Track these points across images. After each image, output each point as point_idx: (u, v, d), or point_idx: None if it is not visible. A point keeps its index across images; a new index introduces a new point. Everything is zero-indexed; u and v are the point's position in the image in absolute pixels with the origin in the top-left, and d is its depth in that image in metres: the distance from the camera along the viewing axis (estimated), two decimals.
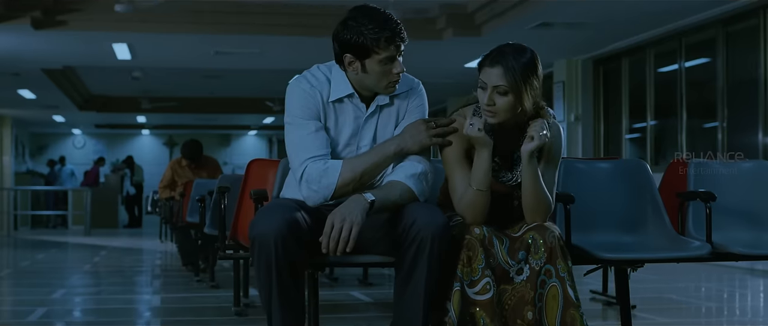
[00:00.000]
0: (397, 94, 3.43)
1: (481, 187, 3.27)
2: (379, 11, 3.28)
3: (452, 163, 3.39)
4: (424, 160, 3.39)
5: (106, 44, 12.06)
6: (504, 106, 3.29)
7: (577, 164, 4.11)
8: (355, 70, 3.31)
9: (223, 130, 28.31)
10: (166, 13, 10.84)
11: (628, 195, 4.09)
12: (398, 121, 3.45)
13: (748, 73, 9.75)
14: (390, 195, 3.27)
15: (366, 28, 3.23)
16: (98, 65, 14.37)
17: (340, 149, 3.41)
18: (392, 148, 3.35)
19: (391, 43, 3.25)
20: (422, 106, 3.49)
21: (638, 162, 4.16)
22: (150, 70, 15.04)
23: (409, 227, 3.17)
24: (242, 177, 4.57)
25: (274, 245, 3.10)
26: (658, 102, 11.59)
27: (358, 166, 3.32)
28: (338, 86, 3.37)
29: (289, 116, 3.38)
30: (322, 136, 3.34)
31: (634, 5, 9.65)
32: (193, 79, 16.82)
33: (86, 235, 17.33)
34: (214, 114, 22.55)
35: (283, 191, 3.58)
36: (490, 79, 3.30)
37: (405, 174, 3.33)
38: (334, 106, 3.38)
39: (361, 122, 3.41)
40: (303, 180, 3.31)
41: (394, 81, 3.33)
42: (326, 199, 3.31)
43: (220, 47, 12.41)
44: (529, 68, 3.28)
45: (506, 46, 3.33)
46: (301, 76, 3.42)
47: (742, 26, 9.87)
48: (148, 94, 19.11)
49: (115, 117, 23.61)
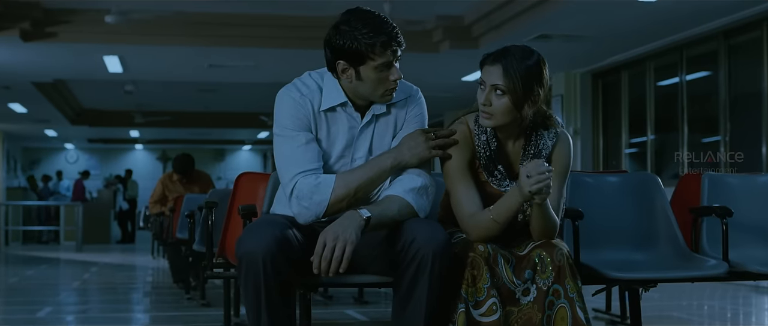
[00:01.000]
0: (394, 103, 3.22)
1: (499, 220, 3.06)
2: (373, 14, 3.07)
3: (454, 177, 3.17)
4: (423, 174, 3.18)
5: (97, 57, 11.87)
6: (501, 109, 3.09)
7: (584, 178, 3.90)
8: (349, 78, 3.10)
9: (218, 144, 28.15)
10: (158, 25, 10.66)
11: (638, 211, 3.88)
12: (395, 132, 3.24)
13: (751, 86, 9.58)
14: (387, 211, 3.05)
15: (360, 33, 3.02)
16: (89, 78, 14.21)
17: (333, 162, 3.20)
18: (389, 161, 3.14)
19: (387, 47, 3.04)
20: (421, 115, 3.28)
21: (648, 175, 3.96)
22: (142, 84, 14.85)
23: (408, 245, 2.96)
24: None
25: (262, 264, 2.88)
26: (658, 116, 11.41)
27: (353, 181, 3.10)
28: (330, 94, 3.16)
29: (279, 127, 3.17)
30: (313, 149, 3.12)
31: (633, 17, 9.48)
32: (186, 93, 16.65)
33: (78, 251, 17.07)
34: (208, 128, 22.39)
35: (274, 206, 3.36)
36: (489, 77, 3.11)
37: (403, 189, 3.12)
38: (326, 116, 3.17)
39: (355, 133, 3.19)
40: (293, 196, 3.09)
41: (391, 88, 3.12)
42: (318, 217, 3.09)
43: (213, 60, 12.22)
44: (533, 73, 3.08)
45: (513, 46, 3.14)
46: (290, 85, 3.21)
47: (744, 39, 9.70)
48: (141, 108, 18.95)
49: (108, 131, 23.44)
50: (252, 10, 10.47)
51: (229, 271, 4.65)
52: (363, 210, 2.99)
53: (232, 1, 10.15)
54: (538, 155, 3.18)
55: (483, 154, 3.19)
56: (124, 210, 21.84)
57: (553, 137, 3.23)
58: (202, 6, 10.41)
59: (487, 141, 3.19)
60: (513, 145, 3.23)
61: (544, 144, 3.21)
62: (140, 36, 10.74)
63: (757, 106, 9.35)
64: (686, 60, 10.65)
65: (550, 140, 3.22)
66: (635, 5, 8.88)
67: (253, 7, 10.29)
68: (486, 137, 3.19)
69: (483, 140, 3.20)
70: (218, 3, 10.26)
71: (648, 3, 8.77)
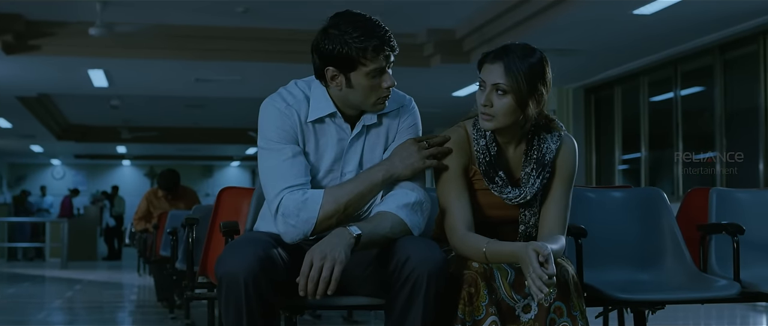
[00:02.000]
0: (385, 113, 3.02)
1: (490, 259, 2.84)
2: (364, 17, 2.87)
3: (448, 189, 2.97)
4: (417, 188, 2.97)
5: (82, 70, 11.70)
6: (503, 109, 2.89)
7: (586, 193, 3.70)
8: (339, 85, 2.90)
9: (206, 160, 27.96)
10: (144, 38, 10.50)
11: (643, 228, 3.67)
12: (387, 143, 3.04)
13: (747, 101, 9.42)
14: (379, 229, 2.84)
15: (351, 37, 2.82)
16: (75, 93, 14.04)
17: (321, 176, 2.99)
18: (380, 174, 2.93)
19: (379, 52, 2.84)
20: (415, 125, 3.08)
21: (654, 190, 3.75)
22: (128, 98, 14.69)
23: (401, 265, 2.74)
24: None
25: (244, 285, 2.67)
26: (652, 132, 11.25)
27: (342, 196, 2.89)
28: (318, 104, 2.95)
29: (263, 140, 2.96)
30: (300, 163, 2.91)
31: (627, 31, 9.33)
32: (173, 108, 16.51)
33: (63, 268, 16.80)
34: (196, 144, 22.24)
35: (258, 223, 3.15)
36: (489, 76, 2.91)
37: (396, 204, 2.91)
38: (313, 127, 2.96)
39: (345, 145, 2.99)
40: (279, 213, 2.88)
41: (383, 97, 2.92)
42: (306, 235, 2.88)
43: (200, 74, 12.05)
44: (536, 71, 2.89)
45: (513, 44, 2.95)
46: (275, 94, 3.00)
47: (740, 53, 9.56)
48: (128, 123, 18.81)
49: (95, 147, 23.29)
50: (238, 23, 10.30)
51: (212, 291, 4.44)
52: (353, 228, 2.79)
53: (218, 14, 9.96)
54: (542, 160, 2.99)
55: (482, 159, 3.00)
56: (111, 227, 21.61)
57: (557, 141, 3.04)
58: (188, 19, 10.22)
59: (486, 145, 3.00)
60: (514, 150, 3.03)
61: (547, 148, 3.01)
62: (125, 49, 10.58)
63: (754, 122, 9.20)
64: (681, 75, 10.50)
65: (553, 144, 3.03)
66: (630, 19, 8.73)
67: (239, 20, 10.11)
68: (485, 141, 3.00)
69: (482, 145, 3.00)
70: (204, 16, 10.08)
71: (643, 16, 8.62)
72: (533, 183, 2.99)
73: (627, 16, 8.63)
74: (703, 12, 8.50)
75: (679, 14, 8.54)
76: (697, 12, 8.49)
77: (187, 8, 9.76)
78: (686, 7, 8.25)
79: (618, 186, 3.87)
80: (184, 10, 9.86)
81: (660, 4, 8.22)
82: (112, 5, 9.38)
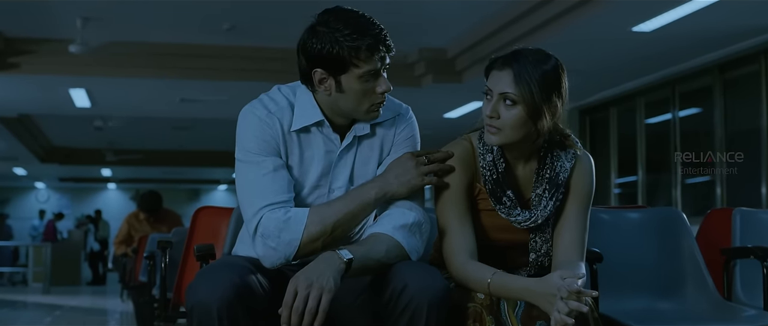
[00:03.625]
0: (379, 122, 2.70)
1: (495, 293, 2.52)
2: (357, 13, 2.56)
3: (449, 210, 2.65)
4: (416, 207, 2.64)
5: (63, 90, 11.38)
6: (511, 121, 2.57)
7: (599, 214, 3.38)
8: (328, 90, 2.58)
9: (192, 184, 27.68)
10: (126, 57, 10.18)
11: (662, 252, 3.36)
12: (381, 157, 2.71)
13: (748, 122, 9.14)
14: (373, 253, 2.51)
15: (341, 34, 2.50)
16: (57, 113, 13.73)
17: (306, 193, 2.66)
18: (373, 192, 2.61)
19: (373, 52, 2.52)
20: (413, 137, 2.75)
21: (673, 211, 3.44)
22: (112, 119, 14.40)
23: (398, 293, 2.41)
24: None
25: (216, 316, 2.33)
26: (649, 154, 10.96)
27: (330, 216, 2.56)
28: (304, 112, 2.63)
29: (241, 151, 2.64)
30: (282, 177, 2.59)
31: (625, 50, 9.05)
32: (159, 130, 16.23)
33: (45, 294, 16.44)
34: (182, 167, 21.95)
35: (236, 247, 2.83)
36: (496, 84, 2.59)
37: (392, 226, 2.58)
38: (298, 138, 2.64)
39: (333, 158, 2.66)
40: (258, 234, 2.55)
41: (377, 103, 2.60)
42: (288, 259, 2.55)
43: (185, 94, 11.74)
44: (550, 80, 2.57)
45: (524, 48, 2.63)
46: (256, 101, 2.69)
47: (740, 73, 9.27)
48: (113, 145, 18.56)
49: (79, 170, 23.01)
50: (224, 41, 9.98)
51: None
52: (343, 252, 2.46)
53: (203, 32, 9.66)
54: (555, 179, 2.67)
55: (489, 177, 2.67)
56: (95, 252, 21.31)
57: (572, 159, 2.71)
58: (171, 36, 9.91)
59: (493, 162, 2.67)
60: (524, 168, 2.71)
61: (561, 166, 2.69)
62: (107, 68, 10.25)
63: (756, 144, 8.91)
64: (679, 95, 10.23)
65: (568, 162, 2.70)
66: (628, 37, 8.45)
67: (225, 38, 9.80)
68: (492, 157, 2.67)
69: (488, 160, 2.67)
70: (188, 33, 9.77)
71: (642, 34, 8.34)
72: (545, 206, 2.67)
73: (626, 34, 8.35)
74: (704, 29, 8.23)
75: (678, 32, 8.26)
76: (697, 29, 8.22)
77: (171, 25, 9.46)
78: (687, 24, 7.98)
79: (633, 207, 3.55)
80: (168, 28, 9.55)
81: (660, 21, 7.95)
82: (93, 22, 9.07)
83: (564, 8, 7.95)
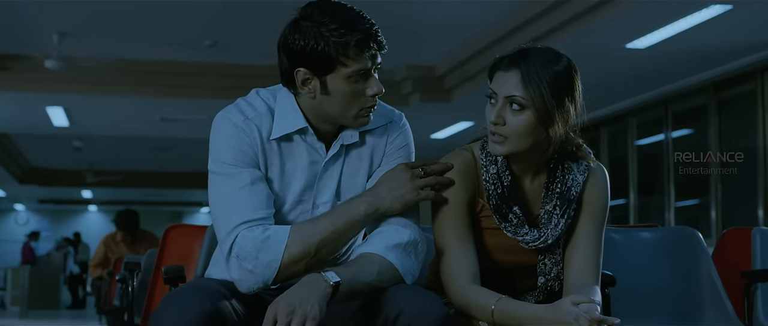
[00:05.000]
0: (370, 130, 2.42)
1: (499, 321, 2.25)
2: (345, 6, 2.28)
3: (449, 228, 2.37)
4: (410, 225, 2.36)
5: (40, 108, 11.17)
6: (518, 128, 2.29)
7: (610, 234, 3.10)
8: (312, 92, 2.30)
9: (174, 206, 27.41)
10: (105, 74, 10.00)
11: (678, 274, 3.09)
12: (372, 168, 2.43)
13: (744, 143, 8.92)
14: (362, 275, 2.22)
15: (328, 30, 2.22)
16: (34, 132, 13.56)
17: (287, 209, 2.38)
18: (363, 207, 2.32)
19: (364, 49, 2.24)
20: (407, 146, 2.47)
21: (689, 230, 3.17)
22: (91, 139, 14.26)
23: (392, 321, 2.14)
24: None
25: None
26: (641, 176, 10.72)
27: (314, 235, 2.28)
28: (285, 117, 2.35)
29: (215, 162, 2.36)
30: (261, 191, 2.30)
31: (617, 68, 8.83)
32: (140, 151, 16.07)
33: (22, 317, 16.14)
34: (163, 189, 21.70)
35: (210, 269, 2.54)
36: (502, 86, 2.32)
37: (384, 245, 2.30)
38: (278, 147, 2.36)
39: (318, 169, 2.38)
40: (233, 255, 2.26)
41: (367, 107, 2.32)
42: (267, 283, 2.27)
43: (165, 113, 11.50)
44: (562, 82, 2.31)
45: (532, 47, 2.36)
46: (232, 106, 2.41)
47: (736, 92, 9.06)
48: (93, 166, 18.46)
49: (59, 191, 22.84)
50: (205, 58, 9.73)
51: None
52: (329, 274, 2.17)
53: (184, 48, 9.41)
54: (567, 195, 2.39)
55: (493, 191, 2.39)
56: (75, 275, 21.00)
57: (585, 171, 2.44)
58: (151, 53, 9.66)
59: (498, 174, 2.39)
60: (532, 181, 2.43)
61: (573, 180, 2.41)
62: (85, 85, 10.06)
63: (752, 165, 8.68)
64: (672, 115, 10.00)
65: (580, 175, 2.43)
66: (622, 53, 8.24)
67: (206, 54, 9.54)
68: (497, 169, 2.39)
69: (492, 173, 2.39)
70: (168, 50, 9.52)
71: (636, 51, 8.13)
72: (556, 224, 2.39)
73: (619, 50, 8.13)
74: (700, 46, 8.02)
75: (673, 49, 8.06)
76: (693, 46, 8.01)
77: (151, 41, 9.20)
78: (682, 40, 7.78)
79: (646, 226, 3.28)
80: (148, 44, 9.29)
81: (655, 37, 7.75)
82: (70, 37, 8.82)
83: (556, 24, 7.73)
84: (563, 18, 7.57)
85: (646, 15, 7.24)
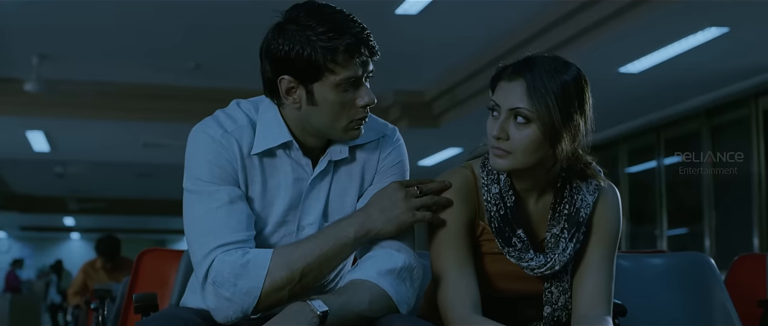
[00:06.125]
0: (360, 145, 2.22)
1: None
2: (333, 9, 2.08)
3: (446, 253, 2.16)
4: (405, 248, 2.15)
5: (19, 132, 10.96)
6: (523, 144, 2.10)
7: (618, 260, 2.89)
8: (297, 102, 2.10)
9: (158, 234, 27.20)
10: (85, 97, 9.85)
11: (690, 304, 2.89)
12: (363, 187, 2.23)
13: (738, 170, 8.75)
14: (353, 304, 2.01)
15: (315, 33, 2.02)
16: (15, 158, 13.43)
17: (270, 230, 2.17)
18: (352, 229, 2.11)
19: (354, 54, 2.04)
20: (401, 163, 2.27)
21: (700, 256, 2.98)
22: (73, 165, 14.15)
23: None
24: None
25: None
26: (632, 205, 10.55)
27: (298, 259, 2.07)
28: (268, 131, 2.15)
29: (190, 180, 2.15)
30: (240, 211, 2.10)
31: (608, 93, 8.65)
32: (122, 178, 15.97)
33: None
34: (147, 216, 21.52)
35: (185, 297, 2.33)
36: (506, 97, 2.12)
37: (377, 271, 2.09)
38: (260, 163, 2.15)
39: (304, 187, 2.17)
40: (209, 281, 2.06)
41: (358, 119, 2.12)
42: (246, 312, 2.06)
43: (148, 138, 11.34)
44: (570, 93, 2.12)
45: (539, 55, 2.17)
46: (209, 118, 2.21)
47: (729, 118, 8.92)
48: (76, 193, 18.37)
49: (41, 218, 22.73)
50: (189, 82, 9.54)
51: None
52: (316, 303, 1.96)
53: (167, 71, 9.23)
54: (576, 217, 2.19)
55: (495, 212, 2.18)
56: (57, 304, 20.73)
57: (595, 191, 2.25)
58: (133, 76, 9.50)
59: (500, 194, 2.19)
60: (537, 202, 2.23)
61: (582, 200, 2.21)
62: (65, 108, 9.93)
63: (746, 193, 8.52)
64: (664, 142, 9.84)
65: (590, 195, 2.23)
66: (614, 78, 8.09)
67: (190, 78, 9.36)
68: (499, 188, 2.19)
69: (494, 193, 2.19)
70: (151, 73, 9.34)
71: (629, 75, 7.99)
72: (564, 249, 2.19)
73: (612, 75, 7.98)
74: (694, 69, 7.89)
75: (667, 74, 7.94)
76: (687, 70, 7.88)
77: (133, 64, 9.02)
78: (676, 65, 7.65)
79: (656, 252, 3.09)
80: (130, 66, 9.12)
81: (649, 61, 7.62)
82: (50, 59, 8.64)
83: (549, 47, 7.55)
84: (556, 41, 7.41)
85: (641, 38, 7.10)
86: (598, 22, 6.97)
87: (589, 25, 7.07)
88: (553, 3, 7.05)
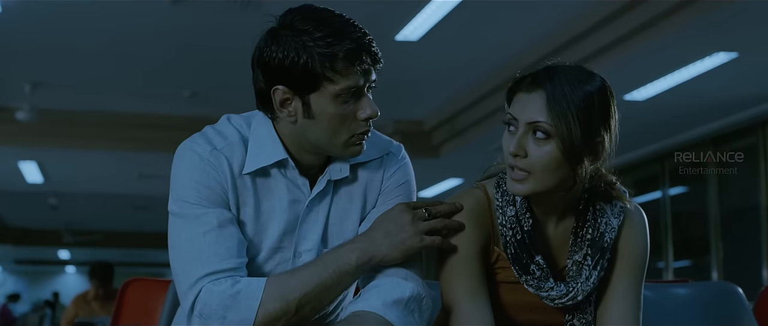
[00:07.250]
0: (362, 163, 2.03)
1: None
2: (332, 13, 1.89)
3: (458, 281, 1.97)
4: (413, 276, 1.95)
5: (12, 163, 10.88)
6: (542, 162, 1.90)
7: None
8: (293, 116, 1.91)
9: (154, 267, 27.03)
10: (79, 126, 9.70)
11: None
12: (365, 209, 2.04)
13: (746, 200, 8.60)
14: None
15: (311, 39, 1.83)
16: (8, 189, 13.38)
17: (263, 257, 1.98)
18: (354, 256, 1.91)
19: (355, 62, 1.85)
20: (407, 183, 2.08)
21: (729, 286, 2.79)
22: (67, 197, 14.12)
23: None
24: None
25: None
26: None
27: (294, 289, 1.87)
28: (261, 148, 1.96)
29: (176, 202, 1.97)
30: (231, 236, 1.90)
31: None
32: (118, 210, 15.94)
33: None
34: (143, 249, 21.39)
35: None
36: (523, 110, 1.93)
37: (382, 301, 1.89)
38: (253, 183, 1.96)
39: (301, 210, 1.98)
40: (196, 313, 1.86)
41: (360, 133, 1.93)
42: None
43: (143, 169, 11.26)
44: (594, 106, 1.93)
45: (560, 65, 1.97)
46: (197, 135, 2.02)
47: (736, 146, 8.77)
48: (70, 226, 18.35)
49: (36, 251, 22.71)
50: (184, 111, 9.40)
51: None
52: None
53: (162, 100, 9.12)
54: (600, 242, 2.00)
55: (511, 238, 1.98)
56: None
57: (620, 214, 2.06)
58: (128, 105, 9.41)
59: (517, 217, 1.99)
60: (557, 226, 2.04)
61: (606, 224, 2.02)
62: (58, 138, 9.82)
63: (755, 223, 8.36)
64: (669, 172, 9.67)
65: (615, 219, 2.04)
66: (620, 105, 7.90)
67: (185, 106, 9.23)
68: (515, 211, 2.00)
69: (510, 216, 1.99)
70: (146, 102, 9.25)
71: (634, 103, 7.84)
72: (588, 277, 1.99)
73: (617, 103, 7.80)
74: (700, 97, 7.79)
75: (673, 101, 7.83)
76: (694, 97, 7.77)
77: (127, 92, 8.93)
78: (683, 92, 7.53)
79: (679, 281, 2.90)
80: (124, 95, 9.03)
81: (654, 88, 7.50)
82: (43, 87, 8.50)
83: None
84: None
85: (648, 64, 6.98)
86: (602, 49, 6.84)
87: (594, 52, 6.93)
88: (555, 30, 6.92)
